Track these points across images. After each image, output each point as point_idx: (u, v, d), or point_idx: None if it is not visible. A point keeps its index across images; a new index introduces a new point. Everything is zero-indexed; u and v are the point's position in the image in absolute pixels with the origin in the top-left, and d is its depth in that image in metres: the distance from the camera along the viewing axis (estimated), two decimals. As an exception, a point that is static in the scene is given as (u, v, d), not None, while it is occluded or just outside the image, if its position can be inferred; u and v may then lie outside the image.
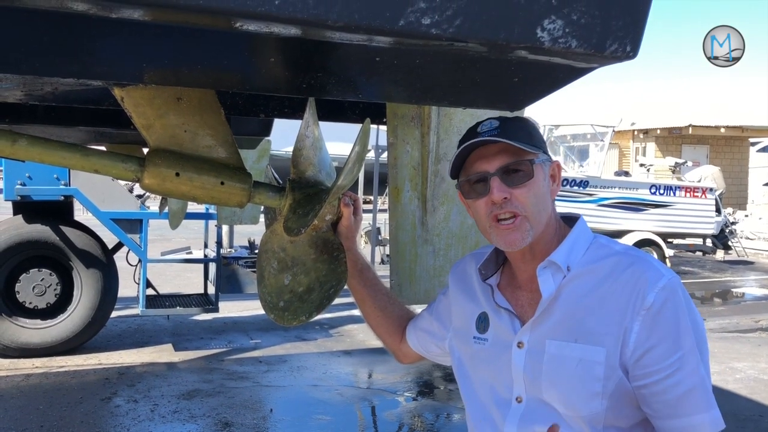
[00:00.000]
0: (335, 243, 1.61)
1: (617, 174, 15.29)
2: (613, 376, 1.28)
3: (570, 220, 1.46)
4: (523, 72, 1.28)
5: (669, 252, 12.34)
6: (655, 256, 12.01)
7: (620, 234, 11.98)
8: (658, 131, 22.79)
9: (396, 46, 1.11)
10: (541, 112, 12.19)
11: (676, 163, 15.01)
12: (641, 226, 12.15)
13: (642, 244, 11.93)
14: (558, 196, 1.45)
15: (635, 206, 12.22)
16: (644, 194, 12.31)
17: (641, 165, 15.62)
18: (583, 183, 11.70)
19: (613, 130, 13.30)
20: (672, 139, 22.89)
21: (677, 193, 12.60)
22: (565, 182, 11.47)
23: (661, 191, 12.48)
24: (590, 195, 11.74)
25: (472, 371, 1.48)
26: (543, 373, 1.33)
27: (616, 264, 1.34)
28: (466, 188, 1.40)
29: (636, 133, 23.22)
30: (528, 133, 1.38)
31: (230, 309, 8.17)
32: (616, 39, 1.14)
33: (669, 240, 12.71)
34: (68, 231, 6.41)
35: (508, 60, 1.18)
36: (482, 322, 1.47)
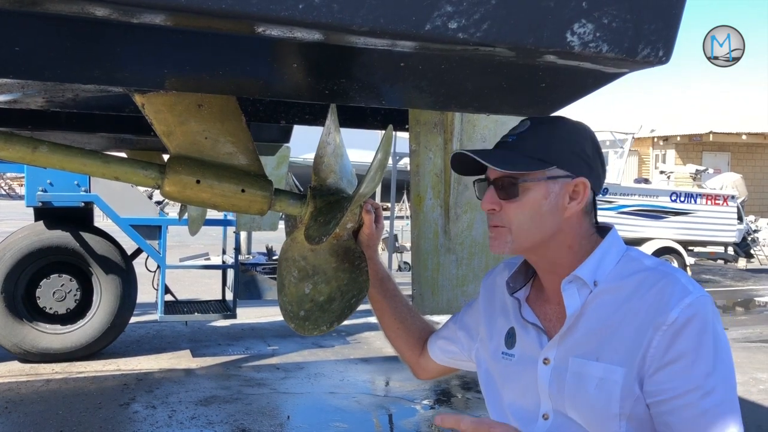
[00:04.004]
0: (357, 252, 1.58)
1: (637, 181, 15.15)
2: (630, 396, 1.23)
3: (603, 230, 1.40)
4: (551, 77, 1.25)
5: (690, 260, 12.19)
6: (676, 264, 11.88)
7: (640, 242, 11.85)
8: (679, 138, 22.57)
9: (421, 51, 1.09)
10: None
11: (696, 170, 14.85)
12: (661, 233, 12.01)
13: (662, 252, 11.80)
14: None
15: (655, 214, 12.08)
16: (665, 202, 12.17)
17: (661, 172, 15.46)
18: (603, 190, 11.57)
19: (633, 137, 13.18)
20: (692, 146, 22.66)
21: (698, 200, 12.45)
22: (584, 189, 11.34)
23: (682, 199, 12.34)
24: (610, 202, 11.63)
25: (500, 386, 1.45)
26: (566, 390, 1.30)
27: (643, 280, 1.28)
28: (477, 188, 1.41)
29: (656, 140, 23.01)
30: (546, 143, 1.32)
31: (248, 315, 8.17)
32: (649, 43, 1.11)
33: (690, 248, 12.54)
34: (88, 237, 6.45)
35: (536, 65, 1.15)
36: (510, 338, 1.43)
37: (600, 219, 1.44)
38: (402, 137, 2.36)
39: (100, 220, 7.51)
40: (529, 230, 1.32)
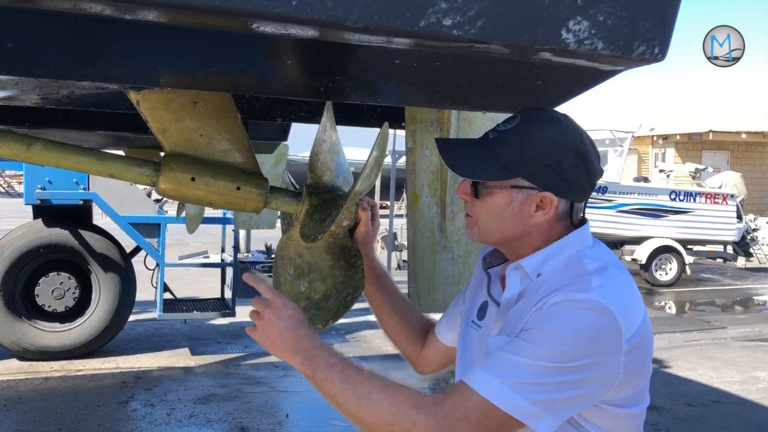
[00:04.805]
0: (352, 249, 1.58)
1: (636, 180, 15.14)
2: None
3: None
4: (546, 75, 1.25)
5: (689, 259, 12.18)
6: (675, 263, 11.89)
7: (639, 240, 11.85)
8: (678, 137, 22.56)
9: (416, 48, 1.09)
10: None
11: (696, 169, 14.82)
12: (661, 232, 12.01)
13: (661, 251, 11.80)
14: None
15: (655, 212, 12.07)
16: (664, 200, 12.16)
17: (661, 171, 15.45)
18: (602, 189, 11.58)
19: (633, 136, 13.16)
20: (692, 145, 22.65)
21: (697, 199, 12.44)
22: (583, 188, 11.33)
23: (681, 197, 12.32)
24: (609, 201, 11.62)
25: (463, 352, 1.50)
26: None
27: (558, 281, 1.27)
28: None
29: (655, 138, 23.00)
30: (519, 152, 1.29)
31: (246, 313, 8.10)
32: (644, 41, 1.11)
33: (689, 247, 12.54)
34: (87, 235, 6.45)
35: (532, 62, 1.15)
36: (482, 310, 1.45)
37: (599, 218, 1.44)
38: (401, 135, 2.36)
39: (99, 218, 7.50)
40: (491, 229, 1.35)
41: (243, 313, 7.92)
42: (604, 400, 1.25)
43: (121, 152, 3.31)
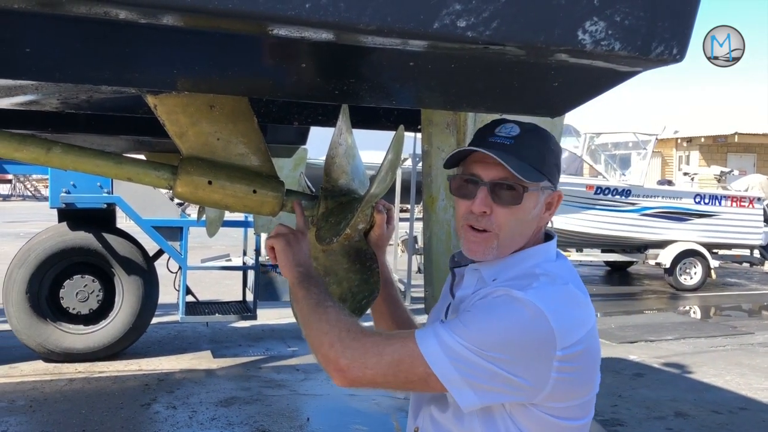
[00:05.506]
0: (368, 253, 1.58)
1: (660, 183, 14.96)
2: None
3: (548, 237, 1.43)
4: (563, 76, 1.24)
5: (714, 263, 12.00)
6: (700, 267, 11.72)
7: (663, 244, 11.70)
8: (703, 139, 22.28)
9: (430, 50, 1.08)
10: (581, 120, 11.96)
11: (721, 171, 14.63)
12: (685, 236, 11.85)
13: (686, 255, 11.65)
14: (600, 205, 1.41)
15: (679, 216, 11.92)
16: (688, 204, 12.01)
17: (685, 174, 15.26)
18: (625, 192, 11.46)
19: (656, 139, 13.01)
20: (717, 148, 22.35)
21: (723, 202, 12.26)
22: (606, 191, 11.26)
23: (706, 201, 12.16)
24: (632, 204, 11.49)
25: None
26: None
27: (507, 282, 1.30)
28: (456, 184, 1.38)
29: (679, 141, 22.73)
30: (541, 154, 1.34)
31: (268, 316, 8.20)
32: (662, 41, 1.09)
33: (714, 251, 12.36)
34: (110, 238, 6.52)
35: (548, 64, 1.14)
36: (447, 310, 1.46)
37: (622, 221, 1.45)
38: (421, 138, 2.35)
39: (123, 222, 7.58)
40: (513, 237, 1.35)
41: (264, 316, 7.96)
42: (537, 405, 1.26)
43: (141, 156, 3.34)
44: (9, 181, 31.08)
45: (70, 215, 6.62)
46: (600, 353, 1.35)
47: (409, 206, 11.44)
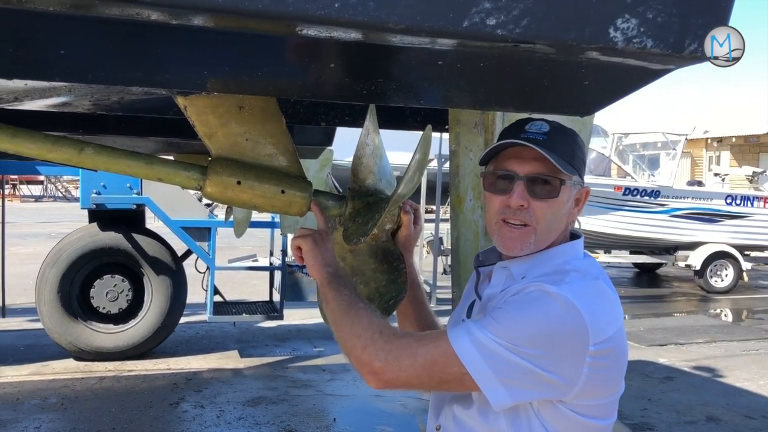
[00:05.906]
0: (395, 253, 1.57)
1: (690, 184, 14.74)
2: None
3: (574, 236, 1.43)
4: (594, 75, 1.22)
5: (746, 265, 11.79)
6: (731, 269, 11.52)
7: (693, 246, 11.52)
8: (734, 139, 21.89)
9: (459, 48, 1.07)
10: (608, 120, 11.83)
11: (753, 172, 14.36)
12: (716, 237, 11.65)
13: (717, 256, 11.46)
14: (629, 206, 1.41)
15: (710, 217, 11.73)
16: (719, 205, 11.81)
17: (716, 174, 15.01)
18: (654, 193, 11.31)
19: (686, 139, 12.82)
20: (749, 147, 21.94)
21: (755, 203, 12.04)
22: (635, 192, 11.12)
23: (738, 202, 11.95)
24: (662, 205, 11.34)
25: None
26: None
27: (538, 279, 1.30)
28: (490, 180, 1.38)
29: (709, 141, 22.37)
30: (572, 151, 1.35)
31: (294, 317, 8.24)
32: (696, 38, 1.07)
33: (746, 253, 12.14)
34: (140, 239, 6.61)
35: (578, 62, 1.13)
36: (470, 309, 1.47)
37: (651, 222, 1.44)
38: (447, 138, 2.34)
39: (152, 222, 7.68)
40: (549, 231, 1.35)
41: (291, 316, 8.01)
42: (566, 402, 1.25)
43: (171, 158, 3.38)
44: (41, 183, 31.69)
45: (101, 216, 6.72)
46: (627, 353, 1.35)
47: (434, 207, 11.42)
